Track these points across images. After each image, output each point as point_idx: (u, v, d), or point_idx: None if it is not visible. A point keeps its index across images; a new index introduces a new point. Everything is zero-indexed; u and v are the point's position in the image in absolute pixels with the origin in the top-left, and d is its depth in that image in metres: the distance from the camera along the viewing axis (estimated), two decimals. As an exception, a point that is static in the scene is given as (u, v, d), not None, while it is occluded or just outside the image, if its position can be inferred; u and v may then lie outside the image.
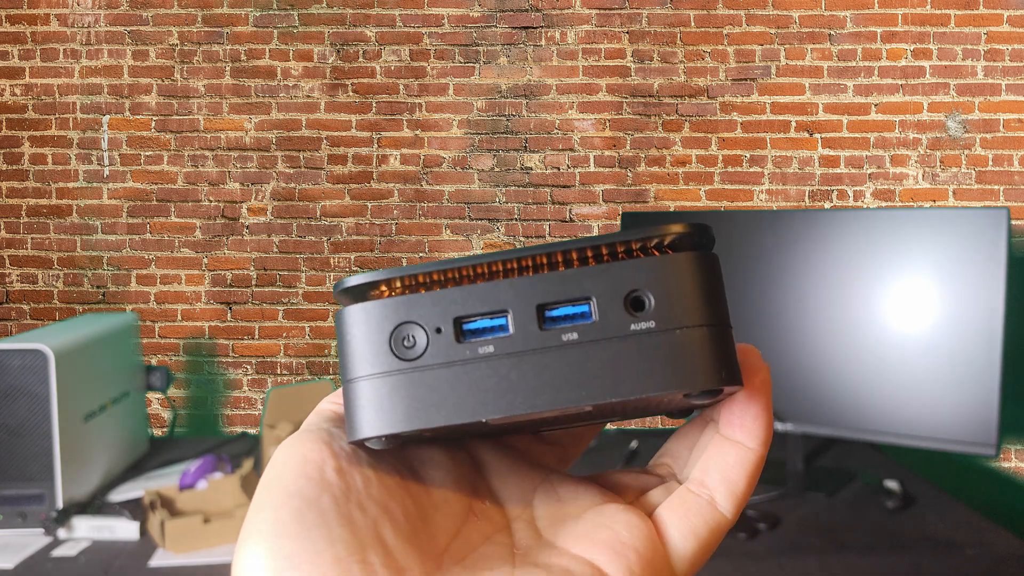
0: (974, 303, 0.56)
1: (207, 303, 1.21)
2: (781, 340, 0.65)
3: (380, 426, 0.09)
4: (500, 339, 0.09)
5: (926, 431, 0.57)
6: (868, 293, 0.60)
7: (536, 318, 0.09)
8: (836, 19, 1.19)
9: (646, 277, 0.09)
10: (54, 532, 0.54)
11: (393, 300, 0.09)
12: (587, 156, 1.21)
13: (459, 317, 0.09)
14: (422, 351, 0.09)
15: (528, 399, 0.09)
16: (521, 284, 0.09)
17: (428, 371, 0.09)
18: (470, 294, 0.09)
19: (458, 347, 0.09)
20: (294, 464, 0.10)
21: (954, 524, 0.56)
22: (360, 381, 0.09)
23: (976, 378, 0.55)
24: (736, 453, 0.11)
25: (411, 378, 0.09)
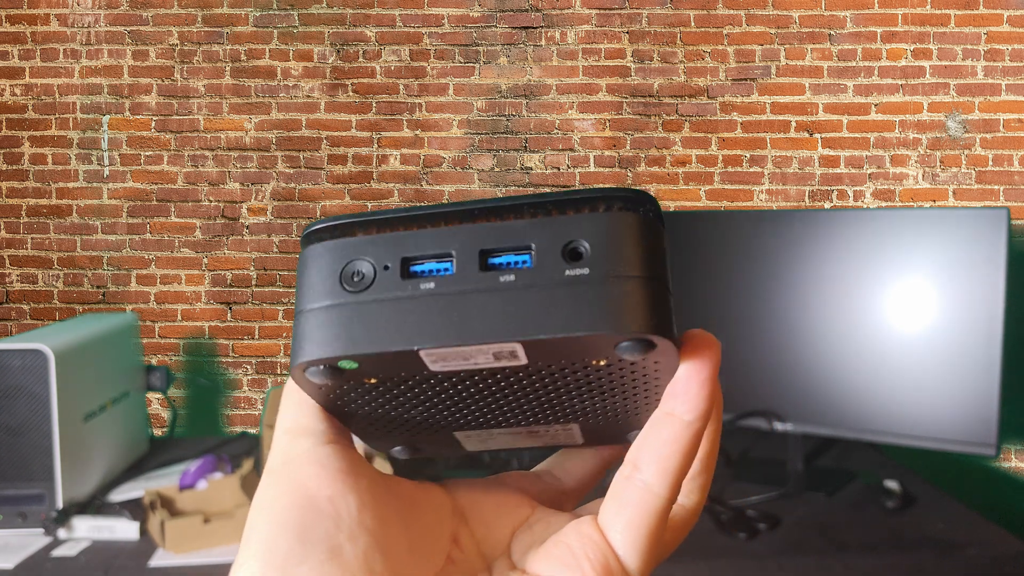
0: (974, 303, 0.56)
1: (207, 303, 1.21)
2: (781, 340, 0.64)
3: (321, 350, 0.09)
4: (442, 278, 0.09)
5: (926, 431, 0.57)
6: (868, 293, 0.60)
7: (478, 261, 0.09)
8: (836, 19, 1.19)
9: (585, 229, 0.09)
10: (54, 532, 0.54)
11: (347, 240, 0.10)
12: (587, 156, 1.21)
13: (406, 257, 0.10)
14: (368, 284, 0.09)
15: (461, 332, 0.09)
16: (467, 231, 0.10)
17: (373, 304, 0.09)
18: (419, 238, 0.10)
19: (402, 283, 0.09)
20: (285, 492, 0.10)
21: (954, 524, 0.56)
22: (309, 312, 0.10)
23: (976, 378, 0.55)
24: (671, 427, 0.10)
25: (356, 308, 0.09)
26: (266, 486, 0.10)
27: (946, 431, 0.56)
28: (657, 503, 0.10)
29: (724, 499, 0.59)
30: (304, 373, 0.10)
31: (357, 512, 0.10)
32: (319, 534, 0.09)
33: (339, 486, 0.10)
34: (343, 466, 0.10)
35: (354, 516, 0.10)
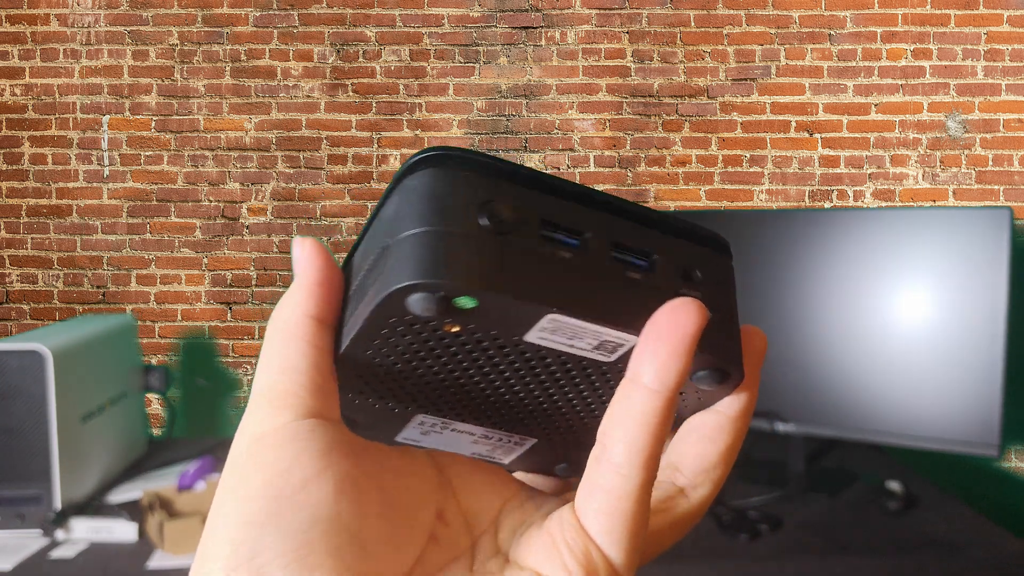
0: (977, 303, 0.55)
1: (207, 303, 1.21)
2: (782, 340, 0.64)
3: (455, 276, 0.09)
4: (576, 252, 0.09)
5: (928, 432, 0.57)
6: (870, 293, 0.60)
7: (609, 249, 0.10)
8: (836, 19, 1.19)
9: (700, 259, 0.11)
10: (52, 533, 0.54)
11: (487, 178, 0.09)
12: (587, 156, 1.21)
13: (545, 219, 0.10)
14: (509, 229, 0.09)
15: (598, 309, 0.09)
16: (600, 218, 0.10)
17: (516, 250, 0.09)
18: (557, 206, 0.10)
19: (541, 241, 0.09)
20: (255, 475, 0.09)
21: (956, 525, 0.56)
22: (433, 233, 0.09)
23: (978, 378, 0.55)
24: (637, 398, 0.09)
25: (498, 247, 0.09)
26: (235, 467, 0.09)
27: (948, 432, 0.56)
28: (628, 485, 0.09)
29: (725, 500, 0.58)
30: (407, 299, 0.09)
31: (333, 500, 0.09)
32: (290, 527, 0.08)
33: (315, 469, 0.09)
34: (322, 446, 0.09)
35: (330, 505, 0.09)
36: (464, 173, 0.09)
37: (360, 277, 0.10)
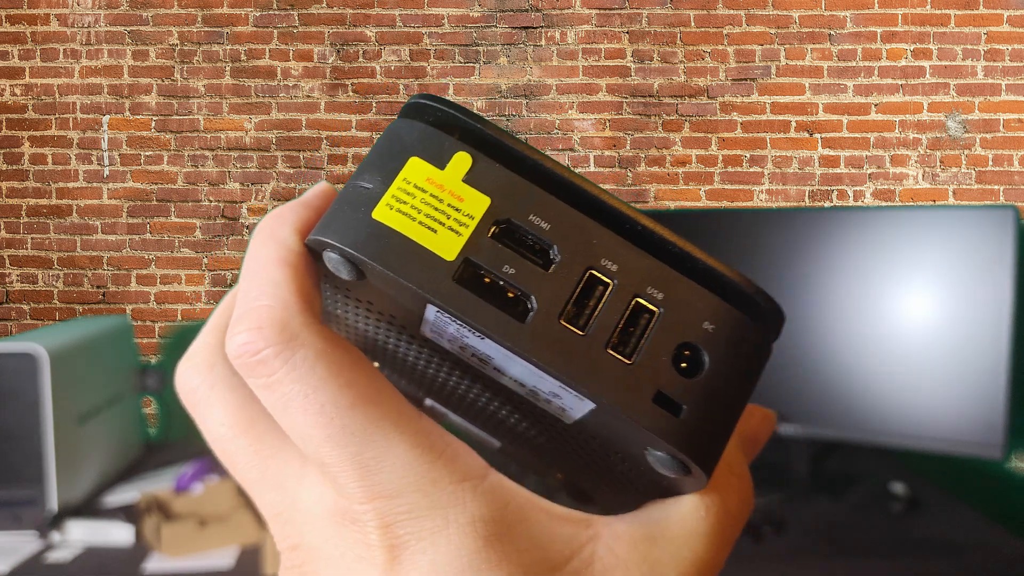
0: (980, 303, 0.55)
1: (207, 303, 1.21)
2: (784, 342, 0.64)
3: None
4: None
5: (932, 433, 0.57)
6: (872, 294, 0.60)
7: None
8: (836, 19, 1.19)
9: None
10: (48, 536, 0.54)
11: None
12: (587, 156, 1.20)
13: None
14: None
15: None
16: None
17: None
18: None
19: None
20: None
21: (961, 527, 0.55)
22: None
23: (982, 379, 0.55)
24: None
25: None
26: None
27: (952, 433, 0.56)
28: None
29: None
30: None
31: None
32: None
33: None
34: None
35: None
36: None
37: None
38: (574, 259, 0.08)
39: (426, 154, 0.08)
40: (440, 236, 0.08)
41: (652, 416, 0.08)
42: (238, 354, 0.08)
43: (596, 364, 0.08)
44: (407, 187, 0.08)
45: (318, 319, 0.09)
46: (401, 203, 0.08)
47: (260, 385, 0.08)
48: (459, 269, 0.08)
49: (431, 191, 0.08)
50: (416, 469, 0.08)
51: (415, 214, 0.08)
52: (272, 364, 0.08)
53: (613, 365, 0.08)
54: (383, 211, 0.08)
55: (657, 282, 0.08)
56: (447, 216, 0.08)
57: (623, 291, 0.08)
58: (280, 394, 0.08)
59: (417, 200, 0.08)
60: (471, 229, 0.08)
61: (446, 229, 0.08)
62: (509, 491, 0.09)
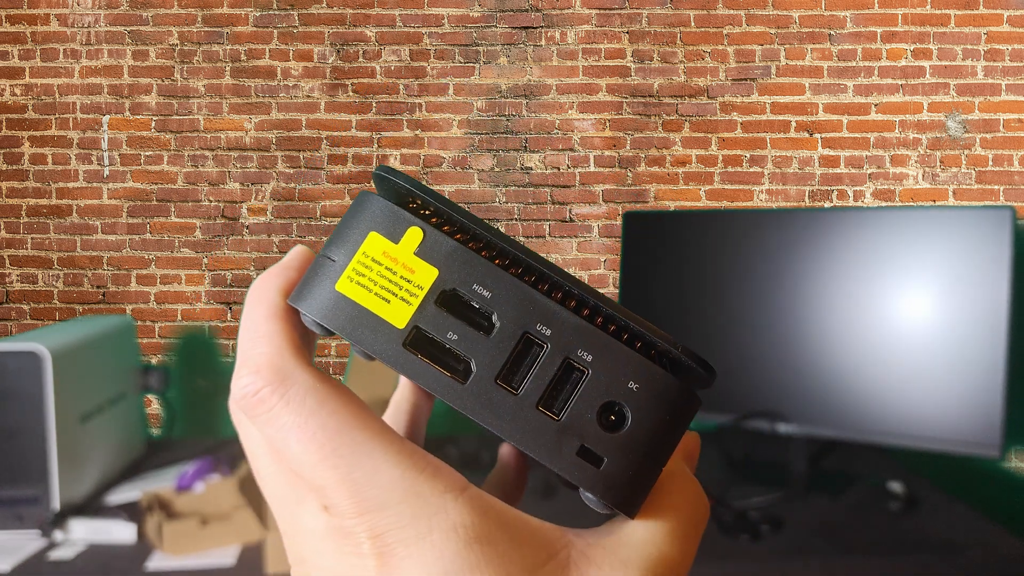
0: (978, 303, 0.55)
1: (207, 303, 1.21)
2: (783, 341, 0.64)
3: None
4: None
5: (929, 432, 0.57)
6: (870, 293, 0.60)
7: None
8: (836, 19, 1.19)
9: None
10: (51, 534, 0.54)
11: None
12: (587, 156, 1.20)
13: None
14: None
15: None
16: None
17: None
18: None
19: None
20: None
21: (958, 526, 0.56)
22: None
23: (980, 379, 0.55)
24: None
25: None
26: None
27: (949, 432, 0.56)
28: None
29: (727, 501, 0.58)
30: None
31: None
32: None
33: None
34: None
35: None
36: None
37: None
38: (512, 324, 0.09)
39: (383, 229, 0.09)
40: (393, 306, 0.09)
41: (575, 468, 0.09)
42: (241, 396, 0.10)
43: (527, 421, 0.09)
44: (366, 260, 0.09)
45: (307, 361, 0.10)
46: (360, 275, 0.09)
47: (262, 422, 0.09)
48: (409, 335, 0.09)
49: (386, 264, 0.09)
50: (401, 484, 0.09)
51: (371, 286, 0.09)
52: (270, 400, 0.09)
53: (542, 422, 0.09)
54: (344, 283, 0.09)
55: (587, 344, 0.09)
56: (399, 287, 0.09)
57: (555, 353, 0.09)
58: (278, 427, 0.09)
59: (374, 273, 0.09)
60: (419, 299, 0.09)
61: (398, 299, 0.09)
62: (488, 501, 0.09)
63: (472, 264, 0.09)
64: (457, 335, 0.09)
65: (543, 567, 0.09)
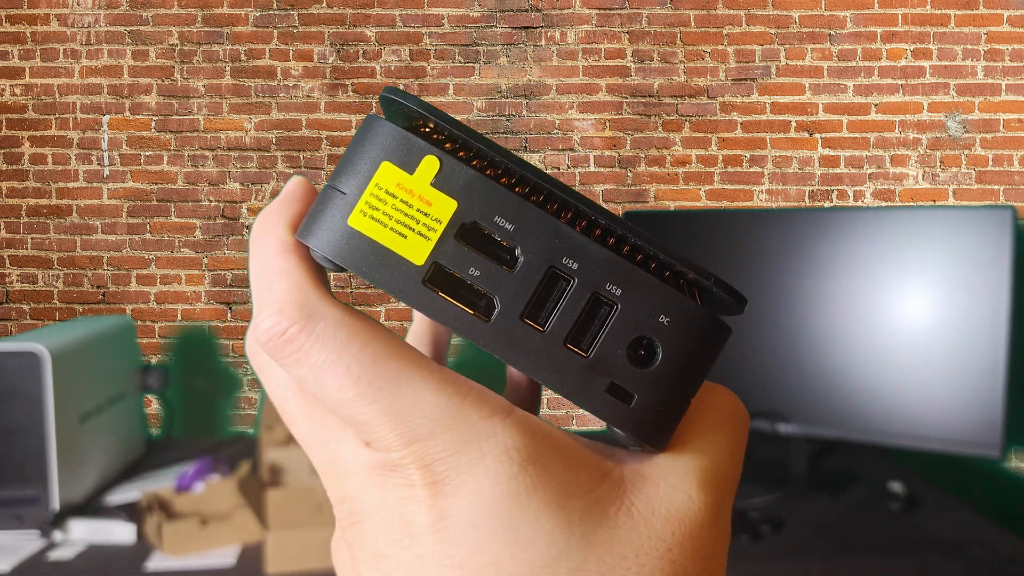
0: (978, 303, 0.55)
1: (207, 303, 1.21)
2: (783, 341, 0.64)
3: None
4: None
5: (930, 432, 0.57)
6: (871, 293, 0.60)
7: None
8: (836, 19, 1.19)
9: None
10: (50, 535, 0.54)
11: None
12: (587, 156, 1.20)
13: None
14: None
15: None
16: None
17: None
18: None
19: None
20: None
21: (958, 526, 0.56)
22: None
23: (980, 379, 0.55)
24: None
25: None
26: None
27: (950, 432, 0.56)
28: None
29: (726, 501, 0.58)
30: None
31: None
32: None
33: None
34: None
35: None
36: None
37: None
38: (536, 258, 0.09)
39: (396, 158, 0.09)
40: (410, 241, 0.09)
41: (605, 405, 0.09)
42: (267, 338, 0.09)
43: (554, 359, 0.09)
44: (379, 193, 0.09)
45: (329, 294, 0.09)
46: (373, 209, 0.09)
47: (291, 362, 0.09)
48: (428, 272, 0.09)
49: (401, 196, 0.09)
50: (446, 410, 0.09)
51: (386, 220, 0.09)
52: (298, 340, 0.09)
53: (570, 359, 0.09)
54: (357, 218, 0.09)
55: (616, 277, 0.09)
56: (416, 221, 0.09)
57: (582, 288, 0.09)
58: (309, 365, 0.09)
59: (388, 206, 0.09)
60: (438, 233, 0.09)
61: (415, 234, 0.09)
62: (536, 422, 0.09)
63: (493, 195, 0.09)
64: (479, 271, 0.08)
65: (599, 487, 0.09)
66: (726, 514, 0.09)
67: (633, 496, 0.09)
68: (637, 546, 0.09)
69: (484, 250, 0.09)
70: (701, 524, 0.09)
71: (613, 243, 0.09)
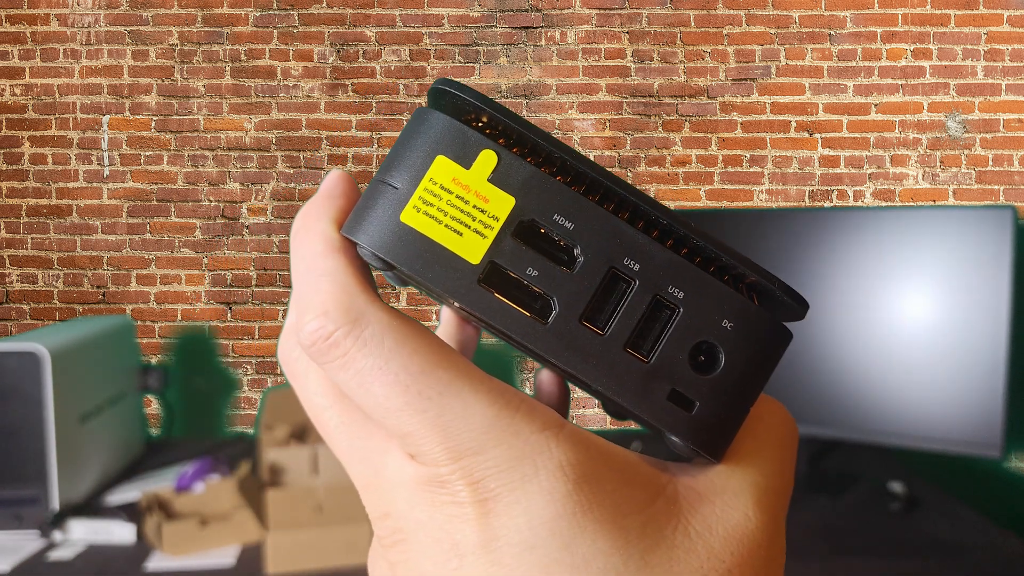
0: (979, 303, 0.55)
1: (207, 303, 1.21)
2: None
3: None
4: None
5: (930, 433, 0.57)
6: (871, 293, 0.60)
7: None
8: (836, 19, 1.19)
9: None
10: (50, 535, 0.54)
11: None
12: (587, 156, 1.20)
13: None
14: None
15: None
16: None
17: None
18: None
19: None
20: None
21: (959, 527, 0.56)
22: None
23: (981, 379, 0.55)
24: None
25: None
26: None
27: (950, 432, 0.56)
28: None
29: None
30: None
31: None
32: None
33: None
34: None
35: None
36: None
37: None
38: (597, 258, 0.08)
39: (452, 152, 0.08)
40: (466, 239, 0.08)
41: (665, 413, 0.08)
42: (311, 341, 0.08)
43: (614, 364, 0.08)
44: (434, 188, 0.08)
45: (377, 296, 0.09)
46: (428, 205, 0.08)
47: (336, 367, 0.08)
48: (484, 271, 0.08)
49: (457, 192, 0.08)
50: (497, 424, 0.08)
51: (441, 216, 0.08)
52: (344, 344, 0.08)
53: (630, 364, 0.08)
54: (411, 214, 0.08)
55: (678, 280, 0.08)
56: (472, 218, 0.08)
57: (644, 290, 0.08)
58: (355, 371, 0.08)
59: (443, 202, 0.08)
60: (495, 231, 0.08)
61: (471, 232, 0.08)
62: (588, 437, 0.09)
63: (552, 192, 0.08)
64: (537, 271, 0.08)
65: (653, 503, 0.08)
66: (782, 532, 0.09)
67: (689, 514, 0.09)
68: (696, 567, 0.08)
69: (542, 250, 0.08)
70: (759, 544, 0.09)
71: (673, 244, 0.09)
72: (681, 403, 0.09)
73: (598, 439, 0.09)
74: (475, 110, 0.09)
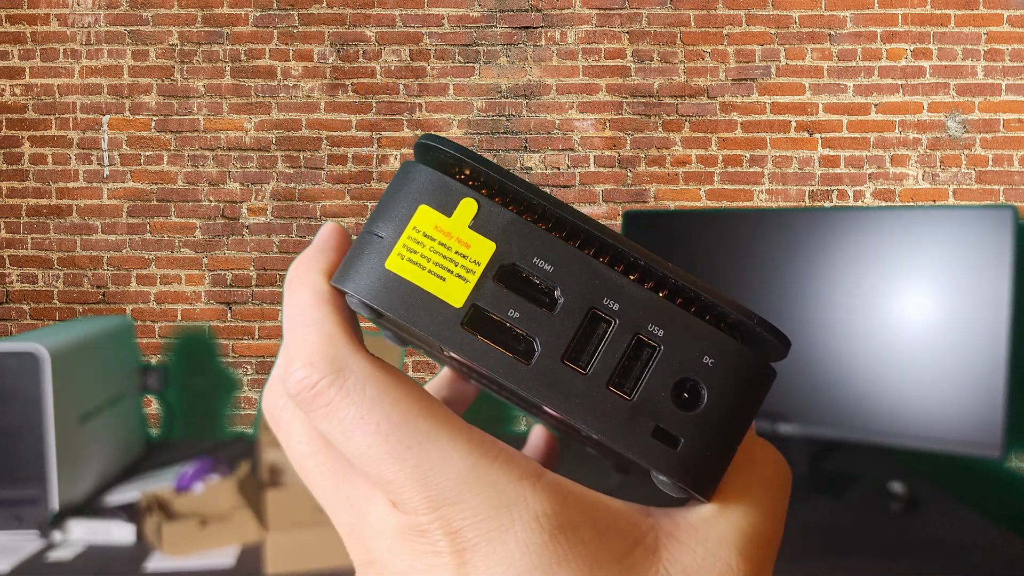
0: (979, 303, 0.55)
1: (207, 303, 1.21)
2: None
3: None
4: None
5: (930, 433, 0.57)
6: (871, 293, 0.60)
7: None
8: (836, 19, 1.19)
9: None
10: (49, 535, 0.54)
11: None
12: (587, 156, 1.21)
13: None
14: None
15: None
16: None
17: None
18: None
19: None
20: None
21: (959, 527, 0.56)
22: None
23: (981, 379, 0.55)
24: None
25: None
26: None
27: (951, 432, 0.56)
28: None
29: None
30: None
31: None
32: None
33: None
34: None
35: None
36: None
37: None
38: (577, 299, 0.09)
39: (434, 201, 0.09)
40: (448, 283, 0.09)
41: (650, 450, 0.09)
42: (297, 390, 0.09)
43: (597, 402, 0.08)
44: (417, 236, 0.09)
45: (361, 347, 0.09)
46: (411, 252, 0.09)
47: (320, 415, 0.09)
48: (467, 315, 0.09)
49: (439, 239, 0.09)
50: (474, 474, 0.08)
51: (424, 263, 0.09)
52: (328, 393, 0.09)
53: (614, 402, 0.08)
54: (395, 261, 0.09)
55: (658, 318, 0.09)
56: (455, 263, 0.09)
57: (624, 329, 0.09)
58: (338, 419, 0.09)
59: (426, 249, 0.09)
60: (477, 275, 0.09)
61: (454, 276, 0.09)
62: (567, 486, 0.09)
63: (531, 237, 0.09)
64: (519, 312, 0.08)
65: (631, 553, 0.08)
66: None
67: (669, 564, 0.08)
68: None
69: (523, 292, 0.09)
70: None
71: (654, 284, 0.09)
72: (666, 440, 0.09)
73: (578, 488, 0.09)
74: (457, 162, 0.09)
